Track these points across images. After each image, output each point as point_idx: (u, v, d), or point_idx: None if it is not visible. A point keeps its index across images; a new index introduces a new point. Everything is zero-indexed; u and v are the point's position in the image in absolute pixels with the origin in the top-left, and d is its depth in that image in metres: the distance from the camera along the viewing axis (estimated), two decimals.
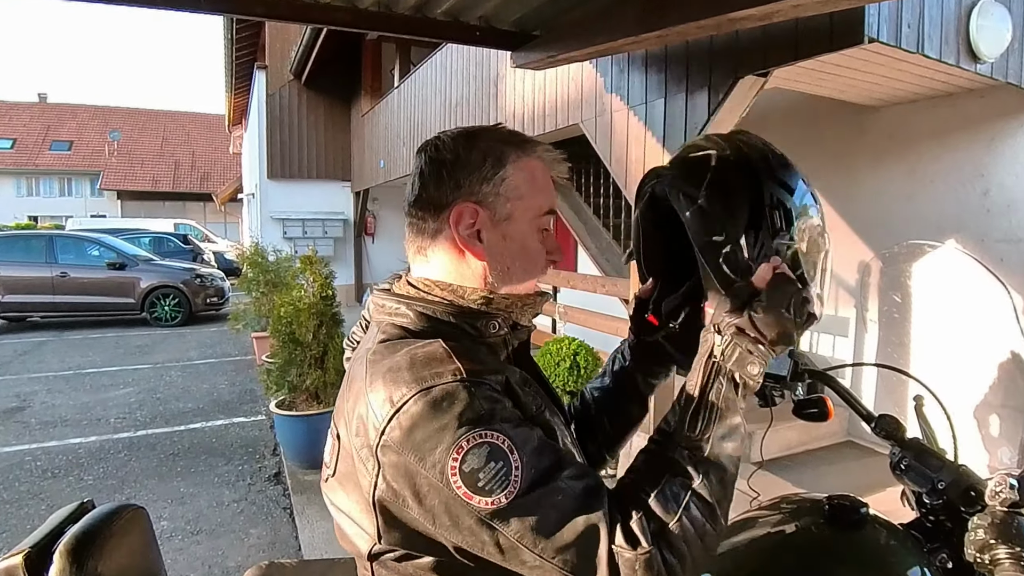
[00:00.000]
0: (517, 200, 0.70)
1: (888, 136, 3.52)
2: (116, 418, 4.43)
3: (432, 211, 0.71)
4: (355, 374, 0.68)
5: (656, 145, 2.89)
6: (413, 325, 0.68)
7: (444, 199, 0.70)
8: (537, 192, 0.72)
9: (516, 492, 0.56)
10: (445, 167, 0.70)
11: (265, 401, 4.48)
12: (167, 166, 26.31)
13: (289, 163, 9.96)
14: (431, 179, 0.71)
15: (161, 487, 3.26)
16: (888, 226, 3.47)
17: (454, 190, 0.70)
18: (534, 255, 0.73)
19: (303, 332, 3.30)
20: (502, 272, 0.71)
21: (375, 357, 0.65)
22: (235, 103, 13.41)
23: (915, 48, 2.23)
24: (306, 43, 8.39)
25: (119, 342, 7.38)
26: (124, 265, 8.59)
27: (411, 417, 0.58)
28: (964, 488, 0.80)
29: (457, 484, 0.56)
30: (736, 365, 0.65)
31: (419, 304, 0.69)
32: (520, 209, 0.71)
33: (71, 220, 16.82)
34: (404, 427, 0.58)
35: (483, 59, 4.95)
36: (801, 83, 2.97)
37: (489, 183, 0.70)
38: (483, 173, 0.70)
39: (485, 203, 0.70)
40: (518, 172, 0.70)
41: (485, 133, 0.73)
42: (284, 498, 3.15)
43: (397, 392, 0.59)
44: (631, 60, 3.08)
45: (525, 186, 0.71)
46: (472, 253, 0.70)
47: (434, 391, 0.59)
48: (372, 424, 0.60)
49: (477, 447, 0.57)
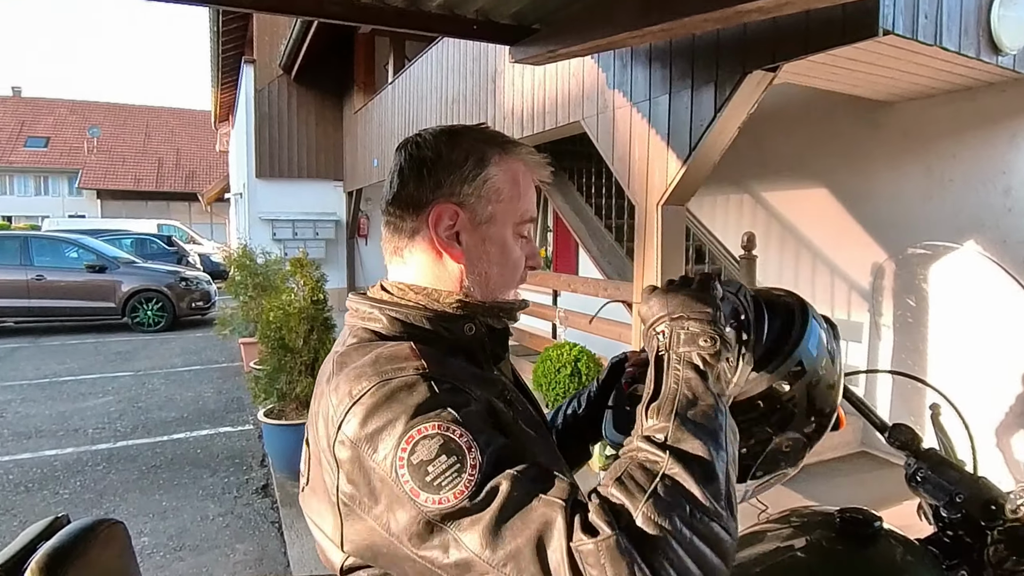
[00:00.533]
0: (499, 203, 0.71)
1: (904, 133, 3.53)
2: (94, 428, 4.41)
3: (411, 210, 0.71)
4: (321, 376, 0.69)
5: (660, 143, 2.90)
6: (385, 330, 0.69)
7: (423, 198, 0.71)
8: (519, 196, 0.73)
9: (468, 493, 0.53)
10: (426, 165, 0.71)
11: (253, 410, 4.47)
12: (150, 164, 26.33)
13: (278, 162, 9.98)
14: (411, 177, 0.72)
15: (142, 501, 3.25)
16: (904, 227, 3.48)
17: (434, 189, 0.70)
18: (514, 261, 0.74)
19: (293, 338, 3.31)
20: (480, 276, 0.72)
21: (342, 359, 0.66)
22: (222, 99, 13.43)
23: (933, 40, 2.22)
24: (296, 36, 8.41)
25: (98, 348, 7.37)
26: (104, 268, 8.59)
27: (365, 408, 0.58)
28: (984, 501, 0.80)
29: (404, 479, 0.54)
30: (686, 345, 0.63)
31: (392, 309, 0.70)
32: (501, 212, 0.72)
33: (47, 220, 16.84)
34: (359, 417, 0.58)
35: (481, 54, 4.96)
36: (812, 78, 2.98)
37: (470, 183, 0.70)
38: (464, 173, 0.70)
39: (466, 204, 0.70)
40: (501, 174, 0.71)
41: (468, 132, 0.74)
42: (272, 511, 3.14)
43: (357, 386, 0.60)
44: (634, 55, 3.10)
45: (507, 189, 0.72)
46: (450, 255, 0.71)
47: (393, 382, 0.59)
48: (332, 420, 0.61)
49: (428, 438, 0.55)
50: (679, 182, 2.80)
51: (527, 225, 0.74)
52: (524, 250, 0.75)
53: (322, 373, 0.69)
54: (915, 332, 1.95)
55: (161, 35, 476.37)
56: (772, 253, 4.30)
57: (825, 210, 3.98)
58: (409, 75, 6.95)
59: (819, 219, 4.04)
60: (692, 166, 2.74)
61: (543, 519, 0.53)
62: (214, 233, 22.85)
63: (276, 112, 9.92)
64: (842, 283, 3.89)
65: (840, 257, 3.90)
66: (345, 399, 0.60)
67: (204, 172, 25.85)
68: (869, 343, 3.71)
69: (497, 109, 4.70)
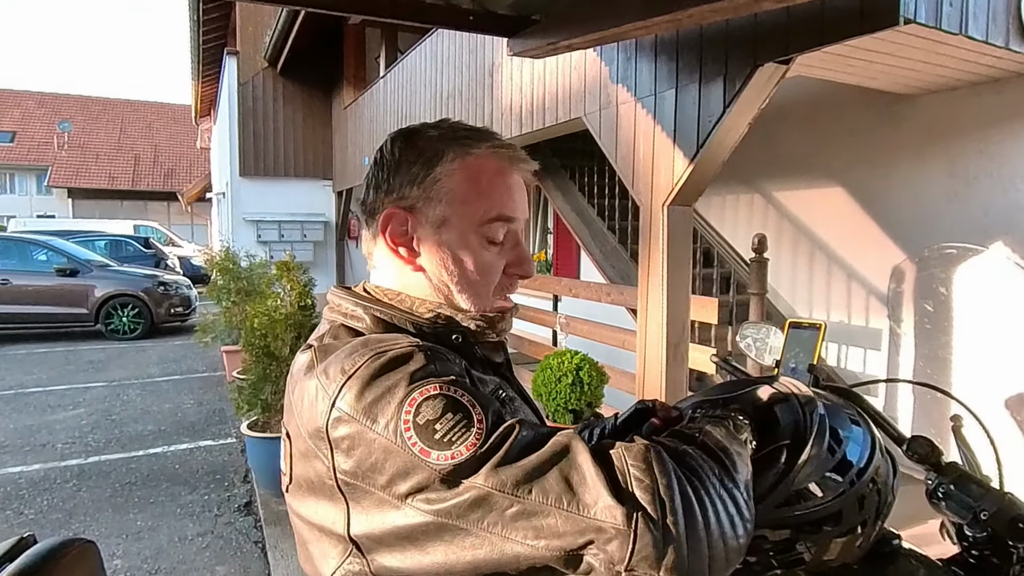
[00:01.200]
0: (452, 204, 0.70)
1: (926, 128, 3.54)
2: (64, 443, 4.40)
3: (370, 216, 0.73)
4: (297, 368, 0.68)
5: (666, 140, 2.91)
6: (367, 330, 0.69)
7: (377, 204, 0.72)
8: (479, 195, 0.71)
9: (479, 444, 0.55)
10: (382, 170, 0.73)
11: (236, 422, 4.46)
12: (125, 161, 26.30)
13: (264, 159, 10.00)
14: (371, 182, 0.74)
15: (115, 520, 3.23)
16: (926, 228, 3.48)
17: (386, 194, 0.72)
18: (481, 267, 0.72)
19: (279, 345, 3.31)
20: (441, 285, 0.72)
21: (325, 347, 0.66)
22: (203, 92, 13.46)
23: (958, 29, 2.21)
24: (282, 27, 8.44)
25: (69, 357, 7.35)
26: (76, 271, 8.58)
27: (361, 380, 0.59)
28: (1011, 518, 0.80)
29: (412, 441, 0.55)
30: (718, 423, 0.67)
31: (376, 308, 0.70)
32: (457, 214, 0.70)
33: (14, 221, 16.77)
34: (355, 390, 0.58)
35: (477, 47, 4.98)
36: (828, 70, 2.99)
37: (419, 185, 0.70)
38: (412, 174, 0.71)
39: (416, 208, 0.71)
40: (457, 172, 0.70)
41: (426, 130, 0.74)
42: (255, 530, 3.13)
43: (349, 361, 0.61)
44: (639, 47, 3.11)
45: (463, 188, 0.70)
46: (406, 263, 0.72)
47: (389, 353, 0.60)
48: (322, 399, 0.60)
49: (432, 398, 0.57)
50: (686, 181, 2.81)
51: (497, 226, 0.71)
52: (504, 256, 0.73)
53: (297, 366, 0.68)
54: (937, 339, 1.95)
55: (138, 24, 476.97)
56: (784, 256, 4.31)
57: (841, 210, 3.99)
58: (401, 69, 6.97)
59: (835, 220, 4.05)
60: (700, 164, 2.75)
61: (559, 445, 0.56)
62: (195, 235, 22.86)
63: (261, 107, 9.94)
64: (859, 288, 3.89)
65: (857, 260, 3.91)
66: (338, 376, 0.60)
67: (184, 170, 25.85)
68: (888, 351, 3.72)
69: (494, 105, 4.71)
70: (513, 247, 0.74)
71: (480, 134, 0.73)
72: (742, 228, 4.69)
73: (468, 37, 5.09)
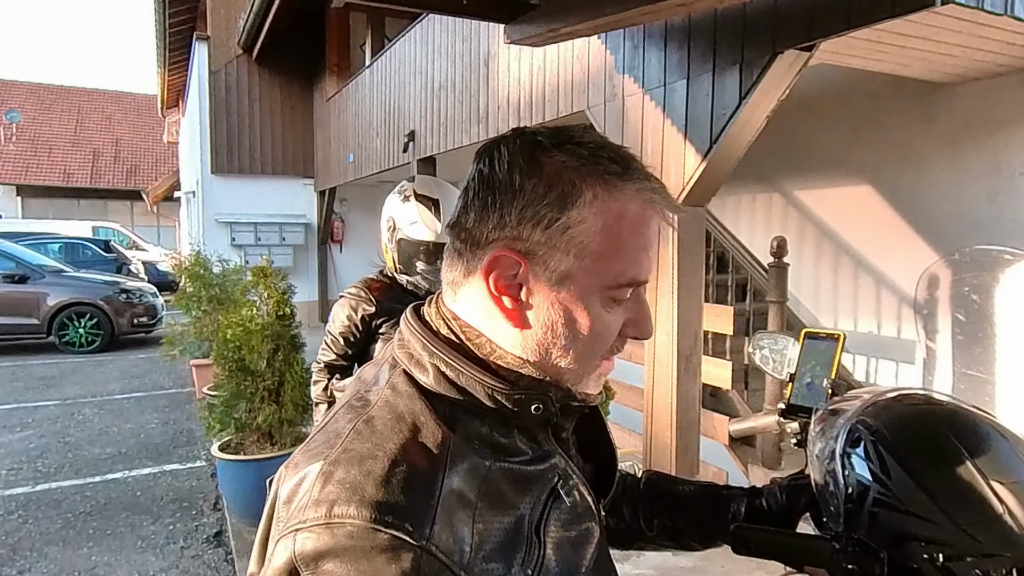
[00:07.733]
0: (581, 258, 0.60)
1: (965, 120, 3.57)
2: (8, 469, 4.38)
3: (468, 245, 0.63)
4: (343, 395, 0.65)
5: (677, 135, 2.94)
6: (429, 386, 0.62)
7: (482, 235, 0.62)
8: (616, 252, 0.61)
9: None
10: (493, 191, 0.62)
11: (206, 443, 4.45)
12: (83, 156, 26.25)
13: (238, 155, 10.02)
14: (473, 202, 0.63)
15: (66, 556, 3.21)
16: (964, 230, 3.51)
17: (497, 227, 0.61)
18: (596, 335, 0.63)
19: (255, 359, 3.31)
20: (543, 345, 0.63)
21: (363, 426, 0.59)
22: (170, 81, 13.50)
23: (1002, 9, 2.20)
24: (257, 10, 8.45)
25: (17, 373, 7.32)
26: (25, 277, 8.57)
27: (327, 545, 0.52)
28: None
29: None
30: None
31: (446, 357, 0.62)
32: (585, 272, 0.61)
33: None
34: (312, 548, 0.52)
35: (472, 34, 5.02)
36: (855, 57, 3.02)
37: (544, 229, 0.60)
38: (538, 214, 0.60)
39: (534, 254, 0.60)
40: (592, 219, 0.60)
41: (561, 149, 0.61)
42: (226, 564, 3.12)
43: (338, 503, 0.53)
44: (647, 34, 3.14)
45: (599, 241, 0.60)
46: (505, 314, 0.62)
47: (379, 536, 0.51)
48: (293, 496, 0.56)
49: None
50: (698, 179, 2.83)
51: (625, 291, 0.63)
52: (624, 314, 0.64)
53: (337, 415, 0.63)
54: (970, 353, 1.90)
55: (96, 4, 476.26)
56: (807, 260, 4.33)
57: (869, 210, 4.02)
58: (389, 57, 7.01)
59: (862, 221, 4.08)
60: (713, 161, 2.77)
61: None
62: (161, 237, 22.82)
63: (235, 98, 9.97)
64: (890, 295, 3.91)
65: (887, 265, 3.93)
66: (312, 504, 0.53)
67: (149, 166, 25.85)
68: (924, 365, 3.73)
69: (490, 97, 4.74)
70: (634, 303, 0.65)
71: (625, 163, 0.62)
72: (760, 230, 4.72)
73: (462, 23, 5.13)
